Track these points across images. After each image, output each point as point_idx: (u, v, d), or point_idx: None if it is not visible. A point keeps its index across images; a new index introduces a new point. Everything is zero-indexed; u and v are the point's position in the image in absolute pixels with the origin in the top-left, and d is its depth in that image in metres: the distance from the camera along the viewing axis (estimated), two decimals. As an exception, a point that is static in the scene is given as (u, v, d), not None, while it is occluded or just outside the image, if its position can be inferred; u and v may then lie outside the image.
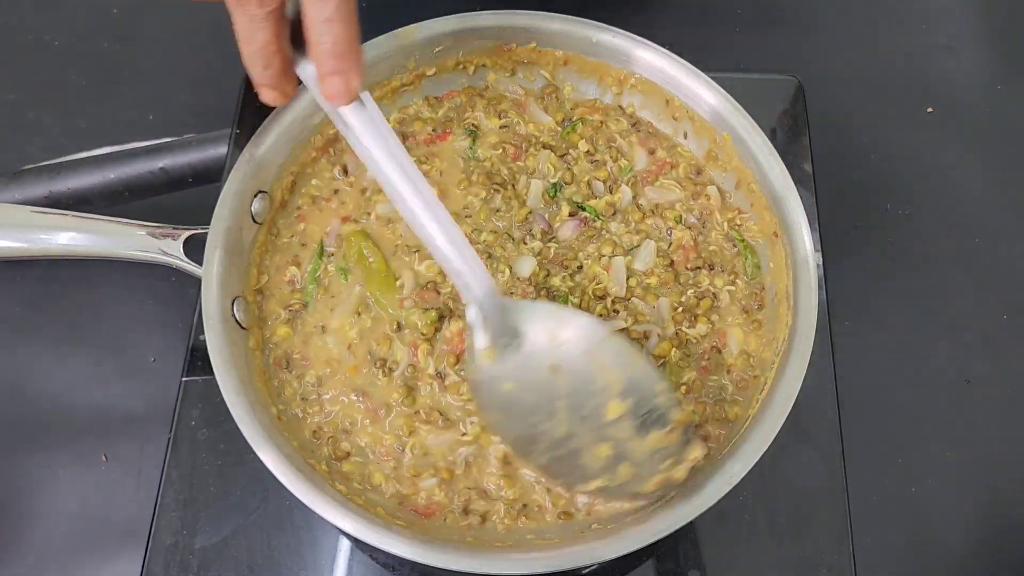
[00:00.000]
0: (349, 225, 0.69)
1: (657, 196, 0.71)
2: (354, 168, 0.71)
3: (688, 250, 0.69)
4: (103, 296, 0.79)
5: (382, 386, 0.64)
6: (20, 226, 0.70)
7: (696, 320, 0.66)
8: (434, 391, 0.63)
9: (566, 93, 0.76)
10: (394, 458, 0.62)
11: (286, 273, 0.68)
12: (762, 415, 0.58)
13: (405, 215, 0.55)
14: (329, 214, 0.70)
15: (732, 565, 0.67)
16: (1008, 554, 0.72)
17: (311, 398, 0.63)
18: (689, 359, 0.65)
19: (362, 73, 0.53)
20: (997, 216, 0.86)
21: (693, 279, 0.68)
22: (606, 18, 0.72)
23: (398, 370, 0.64)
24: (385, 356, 0.64)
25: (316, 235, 0.69)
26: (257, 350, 0.64)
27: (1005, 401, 0.78)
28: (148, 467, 0.72)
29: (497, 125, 0.74)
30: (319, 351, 0.65)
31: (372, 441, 0.62)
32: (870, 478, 0.73)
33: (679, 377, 0.64)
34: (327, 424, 0.63)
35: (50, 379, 0.76)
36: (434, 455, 0.62)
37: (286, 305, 0.66)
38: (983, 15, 0.99)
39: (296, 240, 0.69)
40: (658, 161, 0.73)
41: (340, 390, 0.64)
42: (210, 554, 0.66)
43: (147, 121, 0.89)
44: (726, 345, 0.66)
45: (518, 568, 0.53)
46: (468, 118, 0.74)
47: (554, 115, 0.74)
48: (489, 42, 0.73)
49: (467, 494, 0.61)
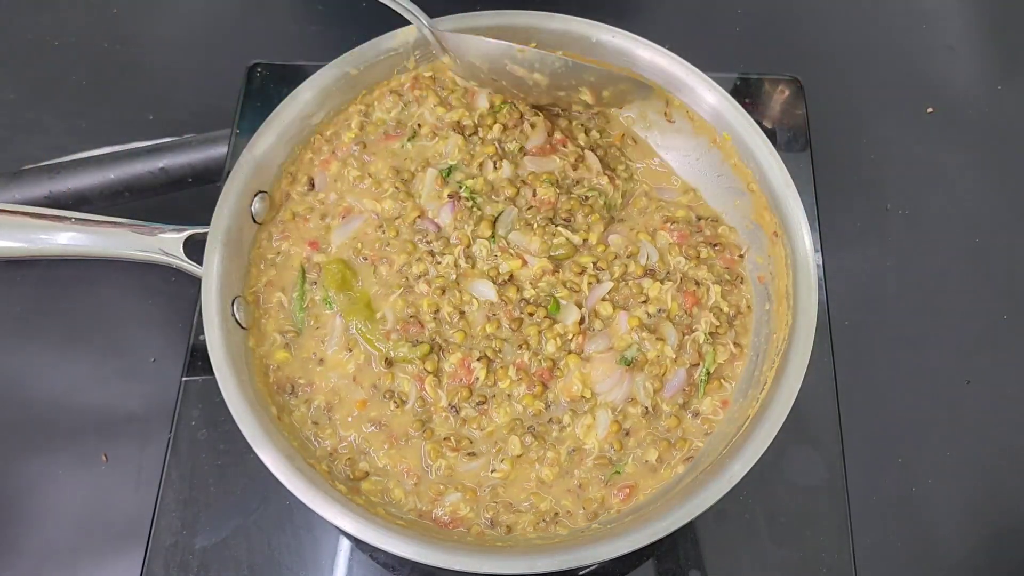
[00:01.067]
0: (320, 255, 0.68)
1: (535, 166, 0.71)
2: (321, 184, 0.71)
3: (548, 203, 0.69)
4: (103, 296, 0.79)
5: (399, 415, 0.63)
6: (20, 226, 0.70)
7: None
8: (451, 424, 0.63)
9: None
10: (417, 475, 0.61)
11: (272, 298, 0.67)
12: (762, 415, 0.58)
13: None
14: (306, 233, 0.69)
15: (732, 565, 0.67)
16: (1008, 554, 0.72)
17: (322, 422, 0.63)
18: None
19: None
20: (997, 216, 0.86)
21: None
22: (606, 18, 0.72)
23: (409, 403, 0.63)
24: (392, 388, 0.63)
25: (297, 258, 0.68)
26: (257, 350, 0.64)
27: (1005, 401, 0.78)
28: (148, 467, 0.72)
29: (441, 115, 0.73)
30: (322, 380, 0.64)
31: (393, 462, 0.62)
32: (870, 478, 0.73)
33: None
34: (342, 448, 0.62)
35: (50, 379, 0.76)
36: (461, 476, 0.61)
37: (281, 330, 0.65)
38: (983, 15, 0.99)
39: (281, 260, 0.68)
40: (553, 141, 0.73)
41: (354, 420, 0.63)
42: (210, 554, 0.66)
43: (147, 121, 0.89)
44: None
45: (518, 568, 0.53)
46: (416, 115, 0.73)
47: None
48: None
49: (495, 508, 0.61)
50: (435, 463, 0.61)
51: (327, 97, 0.70)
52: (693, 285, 0.67)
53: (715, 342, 0.66)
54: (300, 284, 0.67)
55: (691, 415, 0.64)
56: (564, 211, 0.69)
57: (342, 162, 0.71)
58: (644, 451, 0.62)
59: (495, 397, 0.63)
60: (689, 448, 0.63)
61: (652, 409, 0.63)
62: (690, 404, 0.64)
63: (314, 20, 0.96)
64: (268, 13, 0.97)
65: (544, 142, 0.72)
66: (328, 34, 0.95)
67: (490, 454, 0.62)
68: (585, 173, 0.71)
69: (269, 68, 0.84)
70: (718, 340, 0.66)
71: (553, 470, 0.62)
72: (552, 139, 0.72)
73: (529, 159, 0.71)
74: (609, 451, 0.62)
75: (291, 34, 0.95)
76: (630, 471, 0.62)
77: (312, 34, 0.95)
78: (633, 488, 0.61)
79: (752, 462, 0.56)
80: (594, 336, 0.65)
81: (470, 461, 0.62)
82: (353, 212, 0.69)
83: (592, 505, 0.61)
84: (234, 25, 0.96)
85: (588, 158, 0.72)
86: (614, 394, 0.64)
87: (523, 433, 0.62)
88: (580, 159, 0.71)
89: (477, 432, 0.62)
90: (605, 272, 0.67)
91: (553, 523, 0.60)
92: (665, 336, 0.65)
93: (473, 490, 0.61)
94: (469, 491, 0.61)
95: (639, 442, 0.63)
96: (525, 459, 0.62)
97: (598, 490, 0.62)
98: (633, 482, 0.62)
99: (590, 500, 0.61)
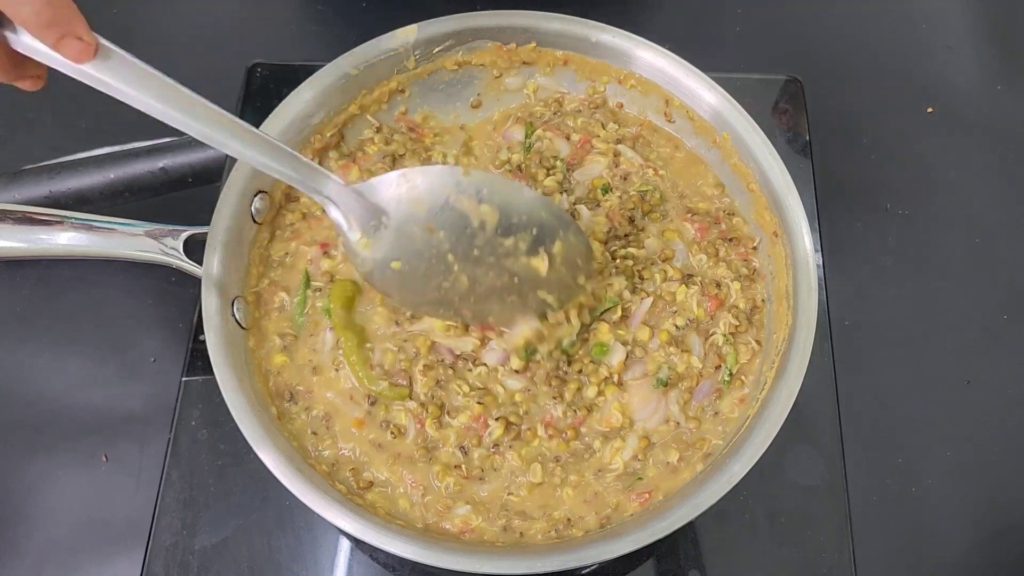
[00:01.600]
0: (327, 260, 0.67)
1: (581, 176, 0.71)
2: None
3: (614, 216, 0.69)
4: (103, 296, 0.79)
5: (398, 443, 0.62)
6: (20, 226, 0.70)
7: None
8: (460, 457, 0.61)
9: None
10: (424, 487, 0.60)
11: (275, 298, 0.66)
12: (762, 415, 0.58)
13: (219, 148, 0.54)
14: (316, 234, 0.68)
15: (732, 565, 0.67)
16: (1008, 554, 0.72)
17: (321, 433, 0.62)
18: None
19: (84, 23, 0.48)
20: (997, 216, 0.86)
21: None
22: (606, 18, 0.72)
23: (408, 437, 0.62)
24: (387, 419, 0.62)
25: (304, 258, 0.67)
26: (257, 350, 0.64)
27: (1005, 401, 0.78)
28: (148, 467, 0.72)
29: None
30: (319, 389, 0.63)
31: (395, 478, 0.61)
32: (870, 478, 0.73)
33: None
34: (343, 459, 0.61)
35: (50, 379, 0.76)
36: (472, 494, 0.60)
37: (280, 332, 0.65)
38: (983, 15, 0.99)
39: (289, 261, 0.68)
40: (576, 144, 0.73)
41: (354, 435, 0.62)
42: (210, 554, 0.66)
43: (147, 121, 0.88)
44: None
45: (518, 568, 0.53)
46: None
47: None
48: (489, 42, 0.73)
49: (506, 517, 0.60)
50: (443, 482, 0.60)
51: (327, 97, 0.69)
52: (715, 288, 0.67)
53: (736, 342, 0.65)
54: (303, 288, 0.67)
55: (711, 415, 0.64)
56: (627, 212, 0.68)
57: (365, 171, 0.70)
58: (666, 454, 0.62)
59: (514, 445, 0.62)
60: (708, 446, 0.62)
61: (683, 423, 0.63)
62: (716, 408, 0.64)
63: (314, 20, 0.96)
64: (268, 13, 0.97)
65: (570, 153, 0.72)
66: (328, 34, 0.95)
67: (507, 480, 0.61)
68: (628, 167, 0.70)
69: (269, 68, 0.84)
70: (739, 339, 0.65)
71: (576, 490, 0.61)
72: (572, 142, 0.73)
73: (576, 173, 0.71)
74: (634, 464, 0.62)
75: (291, 34, 0.95)
76: (651, 475, 0.62)
77: (312, 34, 0.95)
78: (652, 492, 0.61)
79: (752, 462, 0.56)
80: (632, 364, 0.64)
81: (483, 484, 0.61)
82: None
83: (606, 510, 0.60)
84: (234, 25, 0.96)
85: (623, 152, 0.71)
86: (653, 419, 0.63)
87: (546, 462, 0.61)
88: (617, 155, 0.71)
89: (492, 470, 0.61)
90: (649, 282, 0.66)
91: (567, 529, 0.60)
92: (691, 347, 0.64)
93: (485, 504, 0.60)
94: (481, 505, 0.60)
95: (663, 448, 0.62)
96: (547, 484, 0.61)
97: (614, 496, 0.61)
98: (653, 486, 0.61)
99: (605, 506, 0.61)
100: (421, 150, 0.72)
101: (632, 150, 0.72)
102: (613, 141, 0.73)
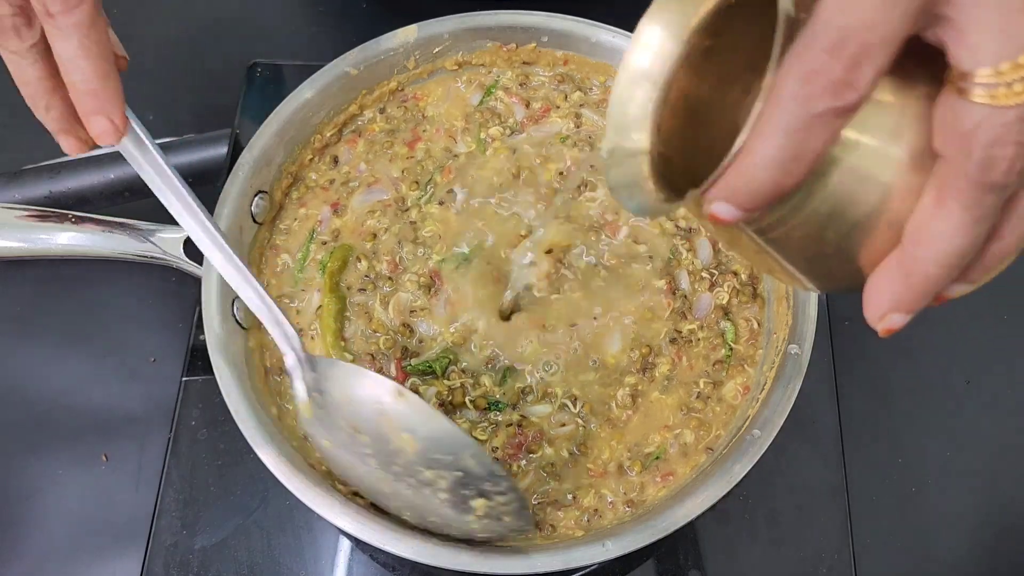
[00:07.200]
0: (336, 219, 0.68)
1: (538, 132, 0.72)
2: (345, 159, 0.71)
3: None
4: (103, 296, 0.79)
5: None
6: (20, 226, 0.70)
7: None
8: None
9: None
10: None
11: (278, 261, 0.67)
12: (762, 415, 0.58)
13: (209, 258, 0.57)
14: (326, 197, 0.70)
15: (732, 565, 0.67)
16: (1008, 554, 0.72)
17: None
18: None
19: (122, 107, 0.52)
20: (997, 216, 0.86)
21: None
22: (607, 18, 0.72)
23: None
24: None
25: (312, 220, 0.68)
26: (257, 350, 0.64)
27: (1005, 401, 0.78)
28: (148, 467, 0.72)
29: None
30: None
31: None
32: (870, 478, 0.73)
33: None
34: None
35: (50, 379, 0.76)
36: None
37: (276, 297, 0.65)
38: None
39: (297, 226, 0.69)
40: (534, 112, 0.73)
41: None
42: (210, 554, 0.66)
43: (147, 121, 0.88)
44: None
45: (518, 568, 0.53)
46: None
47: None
48: (489, 42, 0.73)
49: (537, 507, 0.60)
50: None
51: (327, 97, 0.70)
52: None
53: (736, 316, 0.65)
54: (307, 242, 0.67)
55: (715, 401, 0.63)
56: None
57: (371, 142, 0.72)
58: (682, 434, 0.62)
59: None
60: (710, 437, 0.62)
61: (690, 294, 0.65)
62: (720, 394, 0.63)
63: (314, 20, 0.96)
64: (268, 13, 0.97)
65: (526, 115, 0.73)
66: (328, 34, 0.95)
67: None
68: (591, 128, 0.71)
69: (269, 68, 0.85)
70: (739, 314, 0.66)
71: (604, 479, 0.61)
72: (532, 109, 0.73)
73: (532, 129, 0.71)
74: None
75: (291, 34, 0.95)
76: (672, 453, 0.61)
77: (312, 34, 0.95)
78: (672, 473, 0.61)
79: (752, 462, 0.56)
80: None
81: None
82: (379, 183, 0.70)
83: (632, 492, 0.60)
84: (234, 25, 0.96)
85: (585, 114, 0.71)
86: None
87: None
88: (578, 116, 0.72)
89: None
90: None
91: (596, 517, 0.59)
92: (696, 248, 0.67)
93: None
94: None
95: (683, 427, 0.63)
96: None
97: (638, 476, 0.61)
98: (671, 469, 0.61)
99: (631, 485, 0.60)
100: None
101: (596, 114, 0.72)
102: (577, 106, 0.73)
